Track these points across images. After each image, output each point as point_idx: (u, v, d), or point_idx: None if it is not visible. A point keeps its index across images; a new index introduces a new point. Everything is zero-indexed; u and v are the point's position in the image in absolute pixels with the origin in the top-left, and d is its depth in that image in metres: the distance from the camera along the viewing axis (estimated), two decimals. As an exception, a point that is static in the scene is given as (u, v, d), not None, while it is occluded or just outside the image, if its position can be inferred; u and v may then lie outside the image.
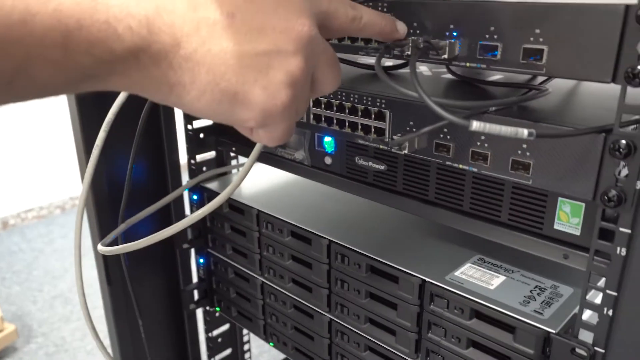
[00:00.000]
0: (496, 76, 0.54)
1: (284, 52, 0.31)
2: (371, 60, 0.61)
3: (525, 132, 0.33)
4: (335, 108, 0.50)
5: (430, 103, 0.34)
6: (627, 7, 0.32)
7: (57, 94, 0.28)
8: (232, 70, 0.29)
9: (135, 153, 0.59)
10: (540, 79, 0.51)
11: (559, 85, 0.51)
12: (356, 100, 0.49)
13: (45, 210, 2.64)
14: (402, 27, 0.42)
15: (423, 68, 0.61)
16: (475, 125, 0.33)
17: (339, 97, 0.50)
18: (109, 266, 0.73)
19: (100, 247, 0.55)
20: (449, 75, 0.55)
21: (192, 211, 0.74)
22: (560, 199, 0.41)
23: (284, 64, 0.31)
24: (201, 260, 0.76)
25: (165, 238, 0.53)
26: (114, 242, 0.61)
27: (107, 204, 0.70)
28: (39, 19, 0.24)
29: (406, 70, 0.58)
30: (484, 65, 0.40)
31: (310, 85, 0.34)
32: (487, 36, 0.39)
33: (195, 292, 0.79)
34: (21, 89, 0.26)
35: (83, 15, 0.25)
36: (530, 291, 0.46)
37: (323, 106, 0.51)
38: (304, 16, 0.32)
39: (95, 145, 0.53)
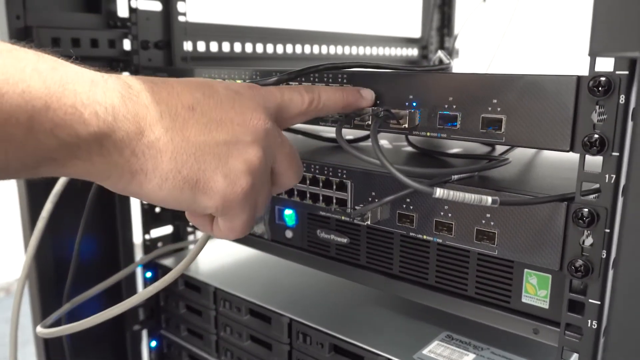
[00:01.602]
0: (456, 149, 0.55)
1: (242, 142, 0.32)
2: (331, 133, 0.61)
3: (489, 199, 0.33)
4: (296, 179, 0.49)
5: (393, 170, 0.34)
6: (579, 78, 0.33)
7: (16, 176, 0.28)
8: (193, 158, 0.31)
9: (85, 226, 0.56)
10: (502, 147, 0.52)
11: (519, 154, 0.52)
12: (317, 171, 0.48)
13: (-11, 292, 2.47)
14: (367, 94, 0.42)
15: (383, 141, 0.61)
16: (439, 192, 0.32)
17: (300, 167, 0.49)
18: (50, 352, 0.67)
19: (39, 328, 0.51)
20: (409, 148, 0.56)
21: (144, 286, 0.69)
22: (526, 270, 0.40)
23: (243, 153, 0.32)
24: (153, 344, 0.71)
25: (115, 319, 0.49)
26: (56, 324, 0.56)
27: (52, 282, 0.65)
28: (7, 98, 0.24)
29: (366, 143, 0.58)
30: (444, 135, 0.40)
31: (271, 179, 0.36)
32: (446, 106, 0.39)
33: (146, 379, 0.72)
34: None
35: (51, 98, 0.26)
36: (502, 370, 0.44)
37: (284, 177, 0.50)
38: (258, 111, 0.34)
39: (40, 217, 0.49)
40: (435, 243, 0.44)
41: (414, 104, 0.41)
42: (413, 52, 1.12)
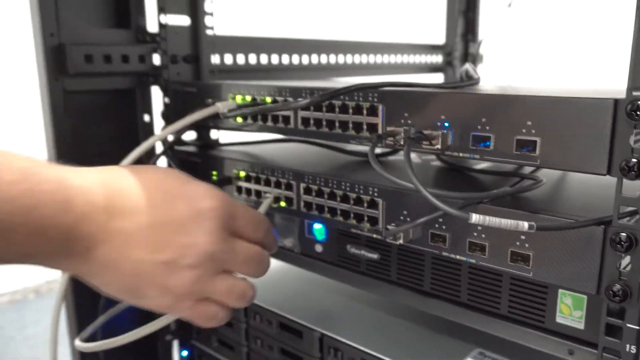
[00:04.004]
0: (484, 164, 0.54)
1: (179, 265, 0.36)
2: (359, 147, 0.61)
3: (525, 225, 0.33)
4: (326, 196, 0.50)
5: (427, 195, 0.34)
6: (616, 102, 0.33)
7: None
8: (133, 273, 0.35)
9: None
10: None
11: (549, 171, 0.51)
12: (348, 189, 0.48)
13: (19, 294, 2.54)
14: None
15: (412, 155, 0.61)
16: (475, 218, 0.32)
17: (330, 185, 0.49)
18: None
19: (77, 342, 0.52)
20: (439, 163, 0.55)
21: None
22: (561, 291, 0.40)
23: (177, 273, 0.36)
24: (184, 353, 0.72)
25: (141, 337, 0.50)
26: (92, 335, 0.57)
27: (87, 292, 0.67)
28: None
29: (396, 157, 0.58)
30: (477, 156, 0.39)
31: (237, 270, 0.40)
32: (479, 127, 0.39)
33: (176, 388, 0.73)
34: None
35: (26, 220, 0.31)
36: (536, 389, 0.43)
37: (314, 194, 0.50)
38: (211, 234, 0.37)
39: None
40: (468, 263, 0.44)
41: (446, 124, 0.41)
42: (437, 58, 1.12)
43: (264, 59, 0.78)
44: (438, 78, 1.19)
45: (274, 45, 0.80)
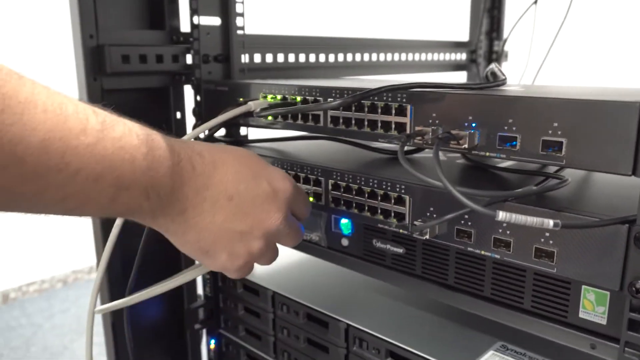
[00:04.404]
0: (508, 162, 0.55)
1: (252, 235, 0.42)
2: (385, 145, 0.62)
3: (550, 222, 0.34)
4: (354, 192, 0.51)
5: (455, 193, 0.35)
6: (642, 104, 0.34)
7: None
8: (212, 236, 0.40)
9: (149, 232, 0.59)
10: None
11: (573, 172, 0.52)
12: (375, 185, 0.50)
13: (47, 283, 2.61)
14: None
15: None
16: (502, 215, 0.34)
17: (358, 181, 0.51)
18: (118, 346, 0.71)
19: (97, 307, 0.55)
20: (463, 161, 0.57)
21: (204, 289, 0.73)
22: (584, 287, 0.41)
23: (249, 243, 0.42)
24: (212, 342, 0.74)
25: (176, 318, 0.52)
26: (120, 317, 0.60)
27: (119, 278, 0.70)
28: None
29: (421, 155, 0.59)
30: (503, 155, 0.41)
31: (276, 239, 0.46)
32: (506, 127, 0.40)
33: (204, 376, 0.76)
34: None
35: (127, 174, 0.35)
36: (558, 382, 0.45)
37: (342, 190, 0.52)
38: (280, 212, 0.43)
39: (115, 225, 0.53)
40: (492, 258, 0.45)
41: (473, 124, 0.42)
42: (461, 56, 1.12)
43: (291, 57, 0.80)
44: (461, 76, 1.19)
45: (301, 44, 0.82)
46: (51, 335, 2.19)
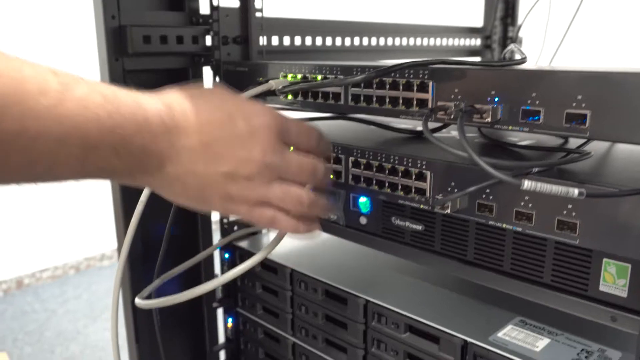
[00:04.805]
0: (527, 141, 0.56)
1: (239, 175, 0.40)
2: (402, 125, 0.63)
3: (575, 191, 0.35)
4: (375, 169, 0.52)
5: (481, 163, 0.36)
6: (667, 75, 0.34)
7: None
8: (197, 185, 0.40)
9: (175, 211, 0.60)
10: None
11: (593, 145, 0.53)
12: (396, 162, 0.50)
13: (60, 270, 2.64)
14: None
15: (454, 132, 0.63)
16: (527, 184, 0.34)
17: (379, 158, 0.51)
18: (138, 324, 0.73)
19: (137, 300, 0.56)
20: (481, 140, 0.57)
21: (222, 270, 0.74)
22: (605, 259, 0.42)
23: (240, 184, 0.41)
24: (230, 320, 0.76)
25: (194, 297, 0.53)
26: (148, 296, 0.61)
27: (140, 260, 0.71)
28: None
29: (439, 134, 0.60)
30: (526, 129, 0.41)
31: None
32: (529, 101, 0.41)
33: (222, 353, 0.77)
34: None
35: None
36: (577, 354, 0.45)
37: (362, 167, 0.53)
38: (264, 146, 0.41)
39: (139, 202, 0.54)
40: (512, 231, 0.46)
41: (496, 99, 0.42)
42: (476, 42, 1.12)
43: (308, 40, 0.80)
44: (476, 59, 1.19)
45: (319, 28, 0.82)
46: (65, 320, 2.22)
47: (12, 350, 2.00)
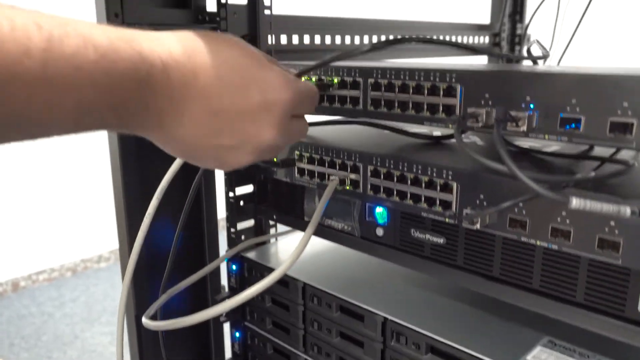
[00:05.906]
0: (554, 147, 0.53)
1: (243, 150, 0.39)
2: (421, 130, 0.60)
3: (627, 210, 0.32)
4: (395, 179, 0.49)
5: (522, 177, 0.33)
6: None
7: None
8: (195, 148, 0.38)
9: (184, 222, 0.57)
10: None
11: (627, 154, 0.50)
12: (420, 172, 0.47)
13: (57, 272, 2.60)
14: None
15: (475, 138, 0.60)
16: (576, 202, 0.31)
17: (401, 167, 0.48)
18: (142, 339, 0.70)
19: (145, 320, 0.53)
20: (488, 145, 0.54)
21: (229, 282, 0.71)
22: (646, 279, 0.39)
23: (239, 158, 0.39)
24: (237, 334, 0.72)
25: (199, 309, 0.50)
26: (154, 314, 0.58)
27: (144, 272, 0.68)
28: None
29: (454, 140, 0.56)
30: (565, 138, 0.38)
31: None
32: (568, 108, 0.38)
33: (229, 369, 0.74)
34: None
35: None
36: (615, 379, 0.42)
37: (382, 176, 0.50)
38: (274, 127, 0.38)
39: (147, 214, 0.51)
40: (541, 248, 0.42)
41: (532, 105, 0.39)
42: (484, 39, 1.09)
43: (317, 39, 0.77)
44: (482, 60, 1.16)
45: (328, 26, 0.79)
46: (62, 324, 2.18)
47: (8, 355, 1.96)
